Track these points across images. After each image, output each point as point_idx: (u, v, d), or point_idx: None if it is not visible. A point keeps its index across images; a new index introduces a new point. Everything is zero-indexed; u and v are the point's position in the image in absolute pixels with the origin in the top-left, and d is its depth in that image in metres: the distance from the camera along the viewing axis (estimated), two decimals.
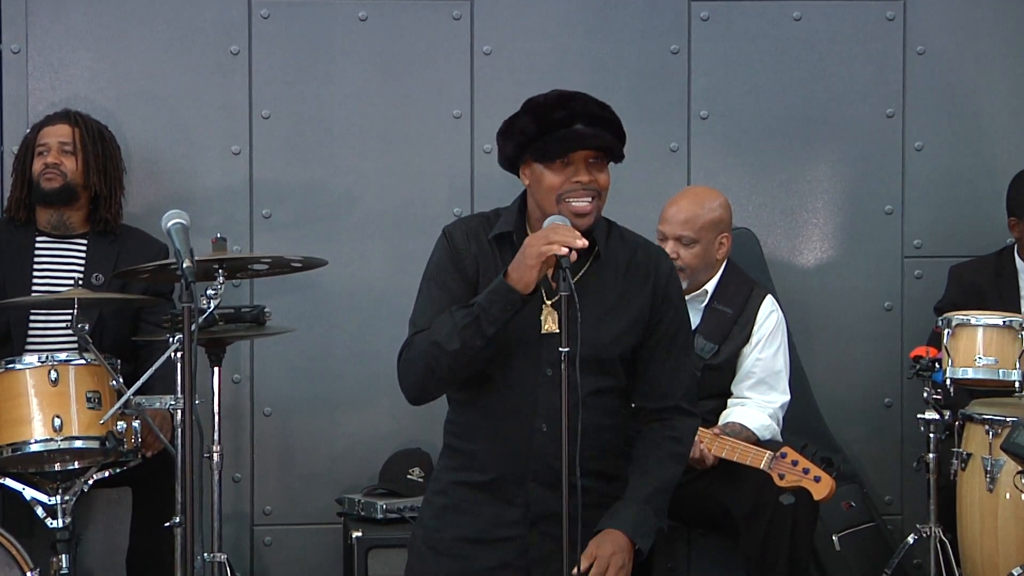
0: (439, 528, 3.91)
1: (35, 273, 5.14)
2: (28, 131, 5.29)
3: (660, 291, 3.90)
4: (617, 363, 3.86)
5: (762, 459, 4.73)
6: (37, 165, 5.16)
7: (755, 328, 5.04)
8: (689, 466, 4.76)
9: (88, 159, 5.15)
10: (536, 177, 3.80)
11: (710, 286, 5.07)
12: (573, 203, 3.75)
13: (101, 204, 5.18)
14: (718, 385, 5.01)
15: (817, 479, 4.70)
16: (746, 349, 5.03)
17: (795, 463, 4.70)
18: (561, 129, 3.74)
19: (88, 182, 5.16)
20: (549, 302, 3.79)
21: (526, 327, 3.78)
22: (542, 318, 3.80)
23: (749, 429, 4.91)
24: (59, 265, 5.16)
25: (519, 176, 3.88)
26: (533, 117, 3.78)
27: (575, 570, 3.59)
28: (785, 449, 4.74)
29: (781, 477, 4.71)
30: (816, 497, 4.71)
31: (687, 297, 5.00)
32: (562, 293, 3.59)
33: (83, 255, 5.18)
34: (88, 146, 5.16)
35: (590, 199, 3.76)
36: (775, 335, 5.06)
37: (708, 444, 4.77)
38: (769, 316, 5.06)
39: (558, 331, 3.68)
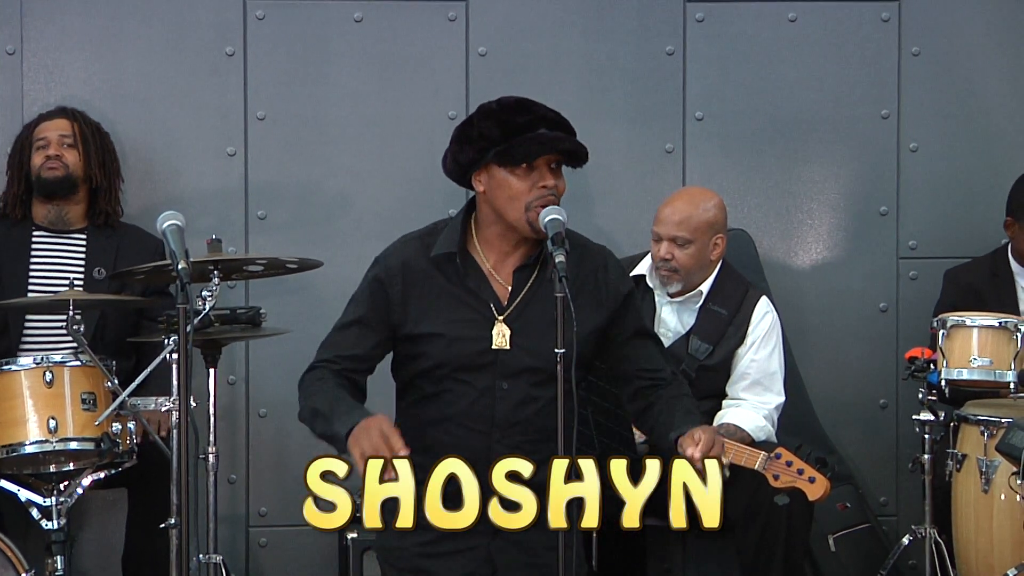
0: (398, 546, 3.84)
1: (32, 270, 5.14)
2: (21, 130, 5.29)
3: (611, 290, 3.88)
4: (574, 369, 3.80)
5: (756, 460, 4.73)
6: (37, 159, 5.17)
7: (750, 329, 5.03)
8: None
9: (88, 152, 5.18)
10: (497, 183, 3.76)
11: (705, 287, 5.07)
12: (541, 208, 3.71)
13: (101, 197, 5.20)
14: (713, 386, 5.00)
15: (812, 480, 4.69)
16: (741, 350, 5.03)
17: (789, 464, 4.70)
18: (526, 133, 3.72)
19: (88, 175, 5.19)
20: (501, 317, 3.78)
21: (478, 344, 3.77)
22: (493, 333, 3.78)
23: (744, 430, 4.91)
24: (57, 261, 5.16)
25: (470, 185, 3.84)
26: (495, 122, 3.74)
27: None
28: (780, 450, 4.74)
29: (776, 478, 4.71)
30: (811, 498, 4.70)
31: (681, 299, 5.05)
32: (557, 295, 3.56)
33: (83, 250, 5.18)
34: (88, 139, 5.19)
35: (557, 204, 3.72)
36: (770, 336, 5.06)
37: None
38: (764, 317, 5.06)
39: (509, 348, 3.74)
